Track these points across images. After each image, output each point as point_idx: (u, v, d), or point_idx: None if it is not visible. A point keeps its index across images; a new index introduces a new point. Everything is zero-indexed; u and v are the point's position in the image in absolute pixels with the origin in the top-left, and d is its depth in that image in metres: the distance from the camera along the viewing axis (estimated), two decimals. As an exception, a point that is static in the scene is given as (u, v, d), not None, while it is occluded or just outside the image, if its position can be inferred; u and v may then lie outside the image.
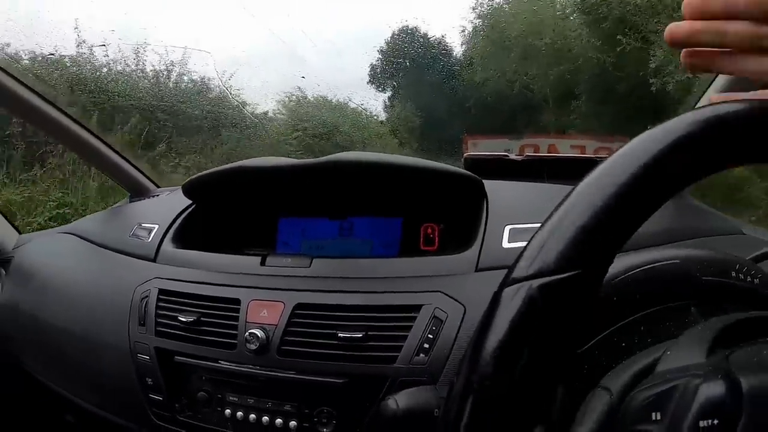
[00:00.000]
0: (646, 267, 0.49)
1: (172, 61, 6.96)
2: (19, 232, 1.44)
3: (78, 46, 5.99)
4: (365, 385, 0.80)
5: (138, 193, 1.50)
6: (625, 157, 0.32)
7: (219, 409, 0.90)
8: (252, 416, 0.86)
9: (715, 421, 0.28)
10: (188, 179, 1.13)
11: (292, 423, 0.84)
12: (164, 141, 5.58)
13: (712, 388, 0.30)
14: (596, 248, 0.31)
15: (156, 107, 6.02)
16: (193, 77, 7.25)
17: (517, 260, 0.32)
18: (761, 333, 0.36)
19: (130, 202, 1.48)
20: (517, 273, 0.32)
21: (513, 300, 0.31)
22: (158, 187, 1.54)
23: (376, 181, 1.05)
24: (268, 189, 1.16)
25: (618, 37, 8.92)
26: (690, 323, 0.42)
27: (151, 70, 6.96)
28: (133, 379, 0.95)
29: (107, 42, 6.17)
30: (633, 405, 0.35)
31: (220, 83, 7.43)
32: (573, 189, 0.33)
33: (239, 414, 0.87)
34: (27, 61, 4.78)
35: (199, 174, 1.12)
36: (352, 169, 1.01)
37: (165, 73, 7.04)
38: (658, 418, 0.32)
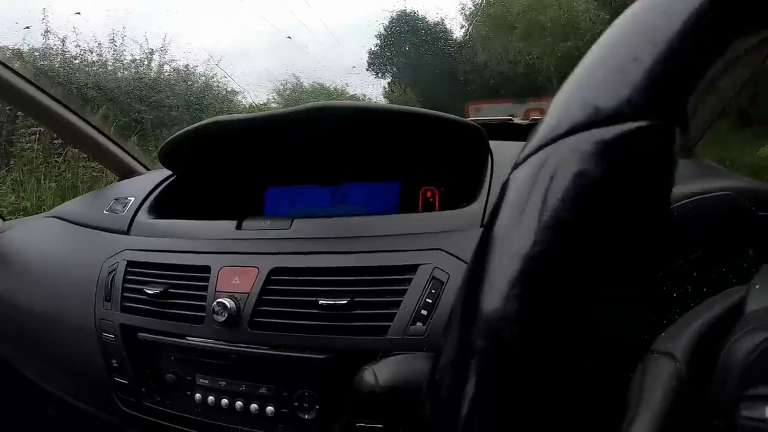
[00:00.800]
0: (694, 198, 0.43)
1: (152, 50, 6.99)
2: (3, 219, 1.45)
3: (44, 35, 5.99)
4: (352, 361, 0.71)
5: (127, 175, 1.50)
6: None
7: (188, 393, 0.85)
8: (224, 401, 0.82)
9: None
10: (163, 143, 1.09)
11: (269, 408, 0.79)
12: (135, 133, 5.54)
13: None
14: (677, 87, 0.21)
15: (133, 97, 6.02)
16: (176, 65, 7.27)
17: (539, 123, 0.23)
18: None
19: None
20: (543, 134, 0.21)
21: (539, 176, 0.20)
22: (149, 169, 1.53)
23: (369, 138, 0.99)
24: (252, 154, 1.11)
25: (629, 8, 8.91)
26: (750, 267, 0.36)
27: (129, 60, 6.96)
28: (99, 362, 0.93)
29: (77, 31, 6.21)
30: (734, 362, 0.26)
31: (207, 69, 7.45)
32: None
33: (210, 399, 0.83)
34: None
35: (173, 135, 1.06)
36: (339, 118, 0.94)
37: (145, 62, 7.04)
38: None
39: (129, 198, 1.13)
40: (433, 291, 0.72)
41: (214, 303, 0.79)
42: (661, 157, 0.20)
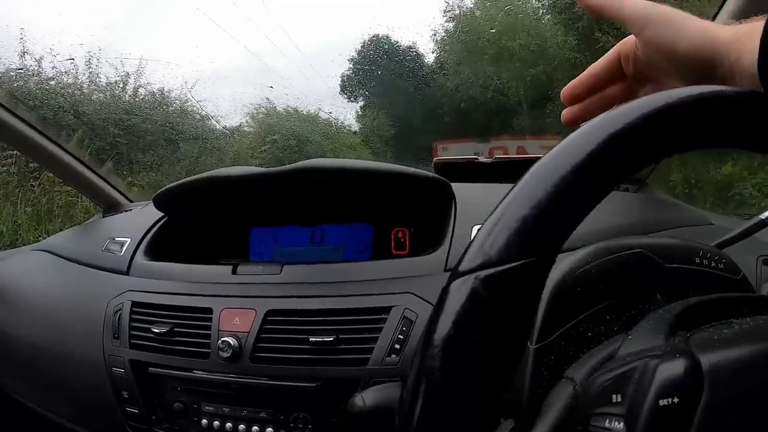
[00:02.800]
0: (608, 257, 0.51)
1: (128, 73, 6.90)
2: None
3: (21, 56, 5.92)
4: (338, 388, 0.84)
5: (110, 208, 1.54)
6: (564, 150, 0.33)
7: (195, 419, 0.94)
8: (228, 425, 0.91)
9: (675, 400, 0.29)
10: (159, 191, 1.18)
11: (269, 430, 0.89)
12: (111, 158, 5.47)
13: (671, 368, 0.30)
14: (537, 240, 0.32)
15: (108, 122, 5.94)
16: (152, 89, 7.19)
17: (463, 254, 0.34)
18: (723, 314, 0.37)
19: (103, 217, 1.52)
20: (463, 266, 0.33)
21: (458, 293, 0.32)
22: (131, 201, 1.58)
23: (346, 187, 1.10)
24: (239, 198, 1.20)
25: (595, 35, 9.03)
26: (655, 309, 0.43)
27: (105, 83, 6.90)
28: (109, 393, 0.99)
29: (54, 52, 6.11)
30: (592, 389, 0.36)
31: (182, 94, 7.35)
32: (516, 183, 0.34)
33: (215, 423, 0.92)
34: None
35: (170, 185, 1.16)
36: (320, 176, 1.06)
37: (120, 85, 6.99)
38: (619, 400, 0.33)
39: (124, 239, 1.19)
40: (404, 328, 0.85)
41: (219, 341, 0.88)
42: (529, 284, 0.33)
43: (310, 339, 0.86)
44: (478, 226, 0.93)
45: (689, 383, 0.29)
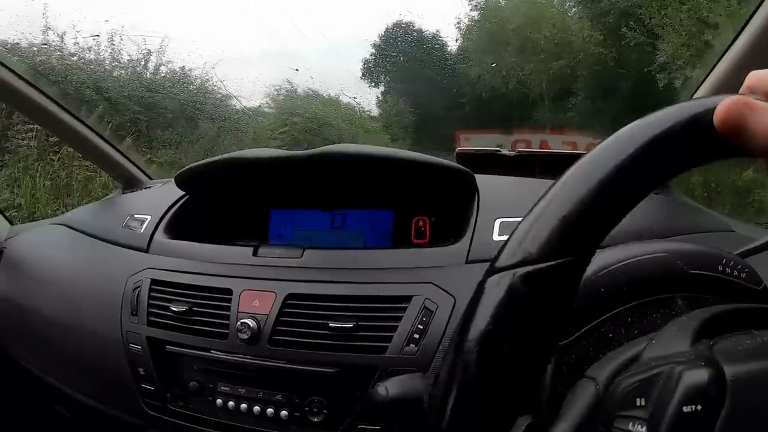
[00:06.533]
0: (633, 259, 0.52)
1: (150, 51, 6.86)
2: (11, 223, 1.48)
3: (44, 32, 5.89)
4: (356, 374, 0.85)
5: (130, 185, 1.55)
6: (609, 148, 0.33)
7: (210, 398, 0.95)
8: (243, 406, 0.91)
9: (699, 407, 0.30)
10: (181, 170, 1.18)
11: (283, 412, 0.89)
12: (131, 135, 5.46)
13: (695, 375, 0.31)
14: (578, 238, 0.33)
15: (129, 98, 5.92)
16: (173, 67, 7.17)
17: (501, 249, 0.34)
18: (746, 324, 0.37)
19: (123, 193, 1.53)
20: (501, 262, 0.33)
21: (496, 289, 0.33)
22: (151, 179, 1.58)
23: (368, 173, 1.09)
24: (260, 180, 1.20)
25: (622, 30, 8.94)
26: (676, 315, 0.44)
27: (126, 60, 6.87)
28: (125, 369, 1.00)
29: (77, 28, 6.12)
30: (617, 392, 0.36)
31: (203, 73, 7.35)
32: (557, 179, 0.34)
33: (230, 404, 0.92)
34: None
35: (192, 165, 1.16)
36: (344, 161, 1.06)
37: (142, 62, 6.95)
38: (643, 404, 0.33)
39: (145, 216, 1.20)
40: (424, 319, 0.84)
41: (238, 323, 0.89)
42: (567, 283, 0.33)
43: (330, 324, 0.86)
44: (500, 220, 0.92)
45: (713, 392, 0.30)
